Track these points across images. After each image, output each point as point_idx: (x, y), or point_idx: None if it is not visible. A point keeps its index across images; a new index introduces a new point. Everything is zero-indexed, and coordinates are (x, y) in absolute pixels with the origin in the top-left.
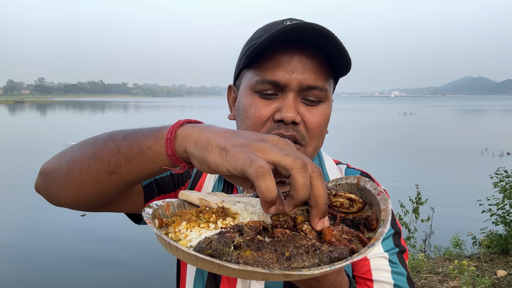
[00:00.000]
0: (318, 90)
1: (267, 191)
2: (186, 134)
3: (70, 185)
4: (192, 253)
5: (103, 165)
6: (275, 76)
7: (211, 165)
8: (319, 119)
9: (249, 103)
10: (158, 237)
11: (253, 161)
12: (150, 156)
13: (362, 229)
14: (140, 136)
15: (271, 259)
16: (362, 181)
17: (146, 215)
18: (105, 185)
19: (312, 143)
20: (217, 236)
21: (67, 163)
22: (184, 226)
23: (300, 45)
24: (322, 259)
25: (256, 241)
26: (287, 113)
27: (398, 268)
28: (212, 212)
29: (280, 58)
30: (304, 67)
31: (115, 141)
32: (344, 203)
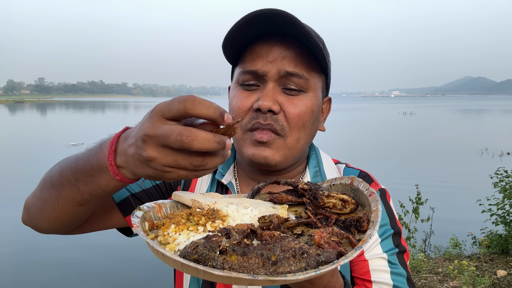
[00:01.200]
0: (297, 77)
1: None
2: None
3: (48, 219)
4: (177, 259)
5: (71, 202)
6: (254, 65)
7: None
8: (299, 109)
9: (233, 96)
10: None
11: (157, 167)
12: (111, 188)
13: (353, 231)
14: (89, 175)
15: (256, 264)
16: (355, 181)
17: (135, 218)
18: (80, 213)
19: (292, 134)
20: (204, 240)
21: (40, 201)
22: (172, 230)
23: (280, 37)
24: (309, 263)
25: (243, 245)
26: (263, 101)
27: (398, 269)
28: (202, 215)
29: (260, 49)
30: (283, 56)
31: (69, 181)
32: (336, 204)
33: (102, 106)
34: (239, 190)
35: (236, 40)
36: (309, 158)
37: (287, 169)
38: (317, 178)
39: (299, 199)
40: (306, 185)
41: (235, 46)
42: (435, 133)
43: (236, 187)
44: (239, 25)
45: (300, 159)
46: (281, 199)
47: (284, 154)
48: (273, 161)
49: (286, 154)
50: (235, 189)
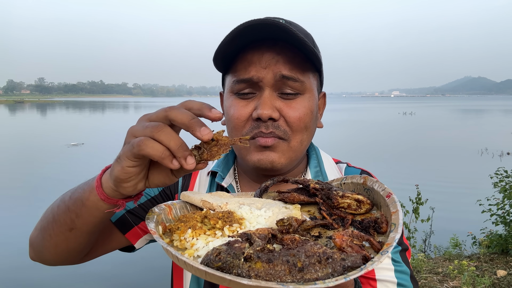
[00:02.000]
0: (292, 81)
1: (156, 152)
2: (106, 176)
3: (49, 249)
4: (201, 268)
5: (62, 225)
6: (248, 73)
7: (120, 177)
8: (298, 113)
9: (229, 105)
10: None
11: (132, 143)
12: (91, 206)
13: (372, 233)
14: (80, 191)
15: (283, 271)
16: (369, 181)
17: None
18: (72, 240)
19: (295, 137)
20: (226, 247)
21: (40, 232)
22: (189, 234)
23: (270, 42)
24: (335, 268)
25: (266, 251)
26: (262, 110)
27: (401, 266)
28: (217, 218)
29: (251, 57)
30: (276, 61)
31: (64, 202)
32: (351, 204)
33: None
34: (239, 191)
35: (226, 51)
36: (309, 158)
37: (291, 170)
38: (318, 178)
39: (311, 198)
40: (317, 185)
41: (225, 55)
42: (435, 133)
43: (237, 189)
44: (230, 38)
45: (301, 159)
46: (293, 199)
47: (289, 157)
48: (279, 165)
49: (291, 157)
50: (236, 191)
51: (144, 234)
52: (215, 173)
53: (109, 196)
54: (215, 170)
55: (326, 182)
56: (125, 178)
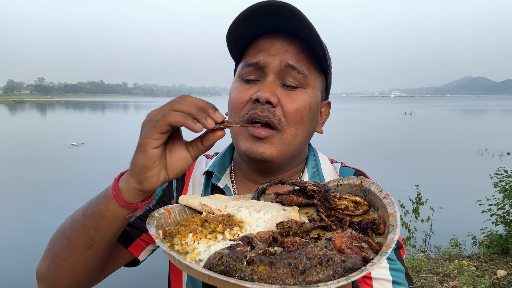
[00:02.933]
0: (296, 72)
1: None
2: (125, 178)
3: (65, 274)
4: (204, 272)
5: (80, 245)
6: (256, 58)
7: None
8: (296, 104)
9: (233, 89)
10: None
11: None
12: (110, 216)
13: (370, 234)
14: (94, 205)
15: (285, 274)
16: (365, 182)
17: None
18: (91, 258)
19: (290, 129)
20: (228, 250)
21: (53, 260)
22: (191, 239)
23: (282, 34)
24: (336, 270)
25: (268, 254)
26: (262, 92)
27: (396, 264)
28: (218, 221)
29: (263, 44)
30: (285, 50)
31: (78, 221)
32: (349, 206)
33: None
34: (236, 192)
35: (240, 33)
36: (307, 158)
37: (284, 168)
38: (315, 178)
39: (308, 200)
40: (315, 186)
41: (239, 40)
42: (435, 133)
43: (233, 190)
44: (243, 16)
45: (297, 158)
46: (291, 201)
47: (281, 150)
48: (269, 156)
49: (283, 150)
50: (232, 192)
51: (147, 245)
52: (210, 174)
53: (129, 201)
54: (211, 171)
55: (323, 184)
56: (150, 164)
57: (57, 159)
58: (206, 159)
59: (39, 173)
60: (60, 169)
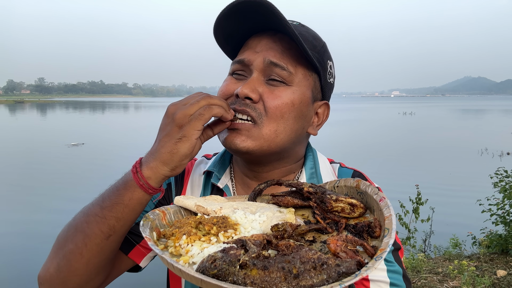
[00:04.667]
0: (280, 69)
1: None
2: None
3: (77, 271)
4: (197, 276)
5: (98, 236)
6: (242, 55)
7: (188, 152)
8: (278, 101)
9: (222, 84)
10: (160, 257)
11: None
12: (135, 204)
13: (366, 237)
14: (115, 196)
15: (279, 278)
16: (362, 184)
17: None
18: (107, 249)
19: (269, 125)
20: (221, 254)
21: (64, 258)
22: (184, 241)
23: (271, 33)
24: (330, 274)
25: (262, 258)
26: (242, 88)
27: (394, 266)
28: (212, 223)
29: (251, 42)
30: (269, 47)
31: (95, 214)
32: (345, 208)
33: (102, 106)
34: (235, 191)
35: (227, 31)
36: (306, 159)
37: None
38: (313, 179)
39: (304, 202)
40: (311, 188)
41: (229, 38)
42: (435, 133)
43: (233, 189)
44: (223, 15)
45: (286, 156)
46: (287, 203)
47: (259, 144)
48: (244, 148)
49: (261, 145)
50: (231, 191)
51: (148, 252)
52: (210, 173)
53: (156, 187)
54: (210, 170)
55: (319, 186)
56: (192, 152)
57: (57, 159)
58: (206, 159)
59: (39, 173)
60: (60, 169)
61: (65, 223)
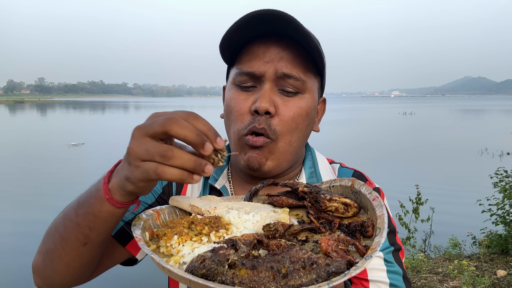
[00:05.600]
0: (293, 79)
1: (175, 176)
2: (115, 187)
3: (59, 270)
4: (185, 276)
5: (74, 242)
6: (251, 67)
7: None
8: (293, 112)
9: (230, 97)
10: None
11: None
12: (105, 216)
13: (359, 236)
14: (87, 205)
15: (267, 278)
16: (356, 184)
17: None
18: (86, 255)
19: (284, 138)
20: (211, 254)
21: (46, 255)
22: (176, 241)
23: (277, 38)
24: (320, 274)
25: (251, 257)
26: (260, 103)
27: (394, 267)
28: (204, 223)
29: (257, 50)
30: (280, 57)
31: (71, 219)
32: (339, 208)
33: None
34: (233, 193)
35: (233, 41)
36: (304, 159)
37: (283, 172)
38: (312, 179)
39: (299, 202)
40: (306, 188)
41: (231, 46)
42: (435, 133)
43: (230, 190)
44: (237, 26)
45: (296, 162)
46: (282, 203)
47: (277, 159)
48: (266, 167)
49: (279, 159)
50: (229, 192)
51: None
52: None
53: (125, 202)
54: None
55: (314, 186)
56: (141, 192)
57: (57, 159)
58: None
59: (39, 173)
60: (60, 169)
61: None
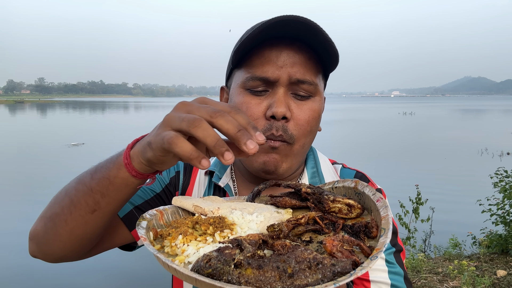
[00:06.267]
0: (307, 84)
1: (185, 152)
2: (136, 153)
3: (61, 237)
4: (191, 275)
5: (83, 208)
6: (265, 72)
7: (154, 161)
8: (308, 115)
9: (241, 102)
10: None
11: (163, 137)
12: (120, 183)
13: (363, 237)
14: (104, 170)
15: (273, 277)
16: (360, 185)
17: (140, 230)
18: (92, 223)
19: (299, 141)
20: (216, 253)
21: (51, 220)
22: (180, 241)
23: (288, 41)
24: (325, 274)
25: (257, 257)
26: (277, 108)
27: (395, 268)
28: (208, 223)
29: (269, 54)
30: (293, 62)
31: (84, 183)
32: (342, 209)
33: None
34: (237, 192)
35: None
36: (307, 159)
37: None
38: (315, 179)
39: (302, 203)
40: (309, 189)
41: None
42: (435, 133)
43: (234, 189)
44: (258, 32)
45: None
46: (285, 203)
47: (291, 161)
48: (281, 169)
49: (292, 161)
50: (233, 191)
51: None
52: (212, 173)
53: (141, 172)
54: (212, 170)
55: (317, 186)
56: (159, 163)
57: (57, 159)
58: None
59: (39, 173)
60: (60, 169)
61: None
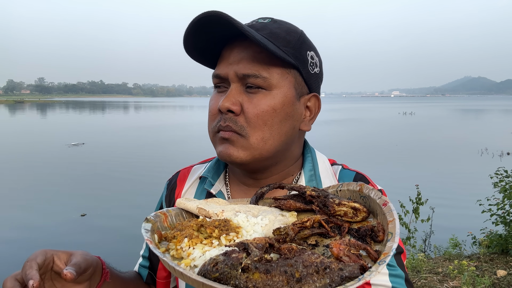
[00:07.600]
0: (253, 78)
1: None
2: None
3: None
4: (198, 279)
5: None
6: (218, 69)
7: None
8: (257, 109)
9: (210, 98)
10: (161, 260)
11: None
12: None
13: (369, 241)
14: None
15: (281, 282)
16: (365, 188)
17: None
18: None
19: (255, 134)
20: (223, 257)
21: None
22: (186, 244)
23: (242, 39)
24: (333, 278)
25: (264, 261)
26: (223, 102)
27: (396, 270)
28: (214, 226)
29: (225, 52)
30: (240, 57)
31: None
32: (348, 212)
33: (102, 106)
34: (230, 197)
35: (201, 47)
36: (304, 160)
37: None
38: (312, 182)
39: (307, 206)
40: (314, 192)
41: (205, 52)
42: (435, 133)
43: (227, 194)
44: (188, 33)
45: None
46: (289, 206)
47: (251, 154)
48: (238, 159)
49: (253, 154)
50: (226, 197)
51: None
52: (205, 179)
53: None
54: (205, 176)
55: (322, 189)
56: None
57: (57, 159)
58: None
59: (39, 173)
60: (60, 169)
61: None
